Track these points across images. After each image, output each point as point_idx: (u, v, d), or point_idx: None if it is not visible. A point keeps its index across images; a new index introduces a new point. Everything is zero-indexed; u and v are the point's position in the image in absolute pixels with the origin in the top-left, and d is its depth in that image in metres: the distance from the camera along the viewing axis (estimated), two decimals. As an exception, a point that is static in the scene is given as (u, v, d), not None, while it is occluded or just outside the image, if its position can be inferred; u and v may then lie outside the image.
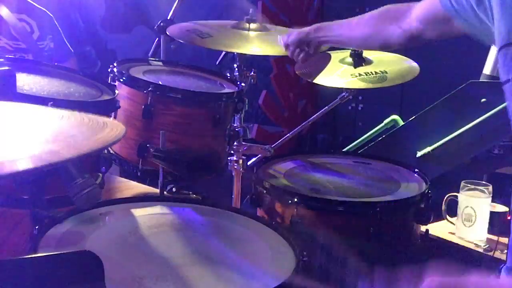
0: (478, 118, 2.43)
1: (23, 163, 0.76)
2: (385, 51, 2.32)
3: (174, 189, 2.43)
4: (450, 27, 1.39)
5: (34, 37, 2.78)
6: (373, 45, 1.71)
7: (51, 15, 2.86)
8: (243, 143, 2.23)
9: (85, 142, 0.90)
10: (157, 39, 2.44)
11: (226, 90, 2.05)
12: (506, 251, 2.03)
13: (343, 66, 2.34)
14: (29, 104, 1.17)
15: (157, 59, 2.28)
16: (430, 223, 1.90)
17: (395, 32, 1.57)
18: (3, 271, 0.86)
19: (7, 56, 2.40)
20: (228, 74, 2.23)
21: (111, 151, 1.93)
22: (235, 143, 2.15)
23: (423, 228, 1.93)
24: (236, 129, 2.10)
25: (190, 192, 2.40)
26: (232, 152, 2.19)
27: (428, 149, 2.53)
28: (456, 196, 2.16)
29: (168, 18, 2.40)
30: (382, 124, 3.01)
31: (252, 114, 4.55)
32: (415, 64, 2.35)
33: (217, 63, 2.42)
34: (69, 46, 2.95)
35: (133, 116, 1.87)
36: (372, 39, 1.66)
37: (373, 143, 2.83)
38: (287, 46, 1.88)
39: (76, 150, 0.84)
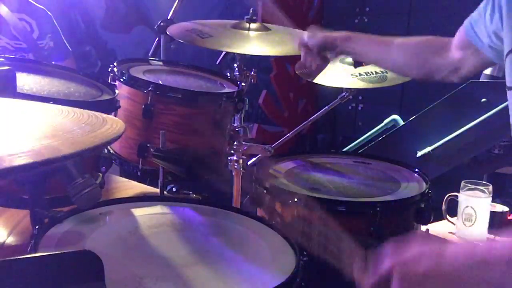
0: (478, 118, 2.43)
1: (23, 158, 0.76)
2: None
3: (174, 189, 2.43)
4: (481, 57, 1.40)
5: (34, 36, 2.79)
6: (412, 73, 1.64)
7: (50, 14, 2.87)
8: (243, 143, 2.23)
9: (85, 138, 0.89)
10: (157, 39, 2.44)
11: (226, 90, 2.05)
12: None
13: (343, 66, 2.34)
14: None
15: (157, 59, 2.28)
16: (430, 223, 1.90)
17: (440, 64, 1.53)
18: (3, 271, 0.85)
19: (7, 56, 2.40)
20: (228, 74, 2.23)
21: (111, 151, 1.94)
22: (235, 143, 2.15)
23: (423, 228, 1.93)
24: (236, 129, 2.10)
25: (190, 192, 2.40)
26: (232, 152, 2.19)
27: (428, 149, 2.53)
28: (456, 196, 2.16)
29: (168, 18, 2.40)
30: (382, 124, 3.01)
31: (252, 114, 4.55)
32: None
33: (217, 63, 2.43)
34: (67, 45, 2.96)
35: (133, 116, 1.87)
36: (412, 68, 1.61)
37: (373, 143, 2.83)
38: (305, 46, 1.71)
39: (75, 146, 0.84)
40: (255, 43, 2.15)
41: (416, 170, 2.03)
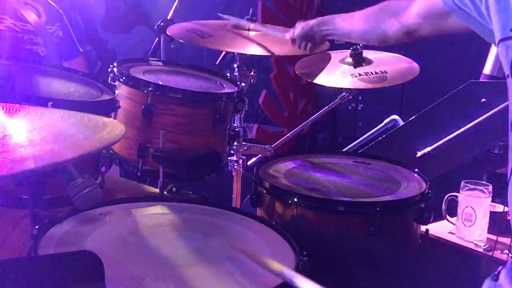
0: (478, 118, 2.43)
1: (25, 164, 0.76)
2: (383, 46, 2.27)
3: (174, 189, 2.43)
4: (448, 23, 1.42)
5: (41, 21, 2.72)
6: (372, 39, 1.75)
7: (61, 11, 2.83)
8: (243, 143, 2.23)
9: (86, 142, 0.90)
10: (157, 39, 2.44)
11: (226, 90, 2.05)
12: (506, 251, 2.03)
13: (343, 66, 2.34)
14: (29, 104, 1.17)
15: (157, 59, 2.28)
16: (430, 223, 1.90)
17: (392, 26, 1.61)
18: (3, 271, 0.86)
19: (7, 58, 2.38)
20: (228, 74, 2.23)
21: (111, 151, 1.93)
22: (235, 143, 2.15)
23: (423, 228, 1.93)
24: (236, 129, 2.10)
25: (190, 192, 2.40)
26: (232, 152, 2.19)
27: (428, 149, 2.53)
28: (456, 196, 2.16)
29: (168, 18, 2.40)
30: (382, 124, 3.01)
31: (252, 114, 4.55)
32: (415, 64, 2.35)
33: (217, 63, 2.43)
34: (78, 45, 2.93)
35: (133, 116, 1.87)
36: (371, 33, 1.72)
37: (373, 143, 2.83)
38: (293, 40, 1.97)
39: (76, 150, 0.84)
40: (255, 43, 2.15)
41: (416, 170, 2.03)
